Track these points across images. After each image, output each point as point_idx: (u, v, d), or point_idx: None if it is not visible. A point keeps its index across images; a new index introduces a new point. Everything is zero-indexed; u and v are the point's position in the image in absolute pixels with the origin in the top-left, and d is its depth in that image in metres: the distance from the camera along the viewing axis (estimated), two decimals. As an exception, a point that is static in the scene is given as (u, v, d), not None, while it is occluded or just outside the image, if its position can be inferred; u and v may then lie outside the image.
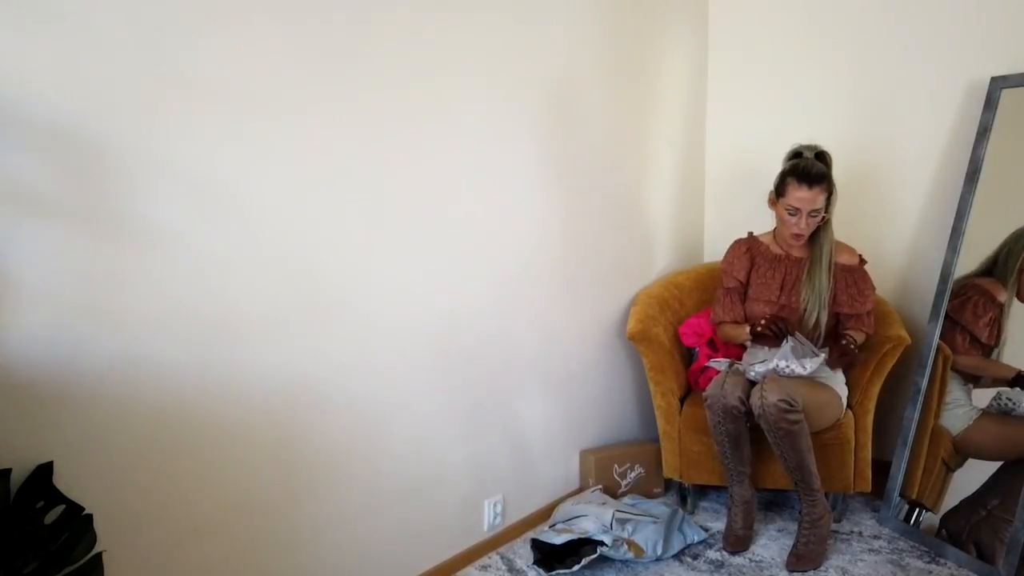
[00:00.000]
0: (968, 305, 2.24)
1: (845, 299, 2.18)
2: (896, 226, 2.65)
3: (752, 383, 2.13)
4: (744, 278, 2.31)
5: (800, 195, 2.09)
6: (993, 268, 2.24)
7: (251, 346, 1.56)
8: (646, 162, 2.74)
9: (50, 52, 1.22)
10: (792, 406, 1.99)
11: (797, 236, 2.16)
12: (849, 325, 2.21)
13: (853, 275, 2.20)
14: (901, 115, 2.59)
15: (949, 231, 2.38)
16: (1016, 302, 2.16)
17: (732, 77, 3.00)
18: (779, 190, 2.16)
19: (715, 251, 3.04)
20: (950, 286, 2.31)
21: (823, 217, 2.15)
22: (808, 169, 2.10)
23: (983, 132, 2.33)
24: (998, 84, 2.33)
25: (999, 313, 2.18)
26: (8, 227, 1.20)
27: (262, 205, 1.55)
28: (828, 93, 2.75)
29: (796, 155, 2.18)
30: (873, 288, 2.23)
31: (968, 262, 2.31)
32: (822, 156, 2.17)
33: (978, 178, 2.31)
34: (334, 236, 1.70)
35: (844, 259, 2.21)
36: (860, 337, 2.22)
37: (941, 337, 2.30)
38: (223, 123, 1.47)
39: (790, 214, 2.13)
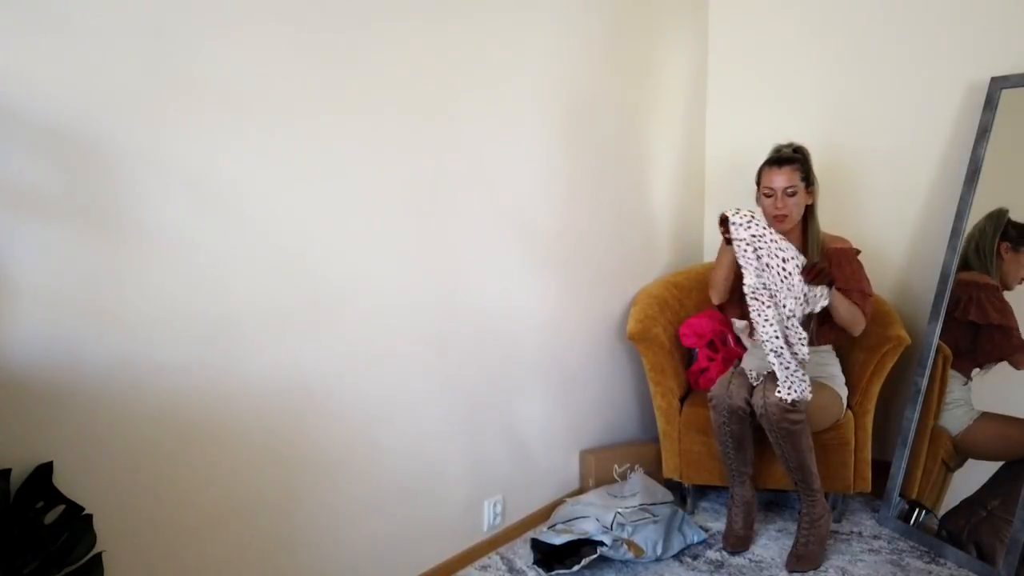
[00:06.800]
0: (995, 305, 2.22)
1: (838, 274, 2.15)
2: (896, 226, 2.65)
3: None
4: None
5: (771, 175, 2.16)
6: (967, 264, 2.28)
7: (251, 346, 1.56)
8: (647, 162, 2.74)
9: (53, 53, 1.22)
10: (794, 406, 1.99)
11: (779, 218, 2.16)
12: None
13: (847, 255, 2.19)
14: (901, 115, 2.59)
15: (949, 231, 2.38)
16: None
17: (732, 77, 3.01)
18: (757, 182, 2.23)
19: (715, 251, 3.02)
20: (950, 286, 2.31)
21: (807, 200, 2.17)
22: (777, 154, 2.20)
23: (983, 132, 2.33)
24: (998, 84, 2.33)
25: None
26: (9, 227, 1.20)
27: (263, 205, 1.55)
28: (828, 93, 2.75)
29: (775, 151, 2.24)
30: (868, 280, 2.18)
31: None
32: (799, 150, 2.22)
33: (978, 178, 2.31)
34: (335, 237, 1.70)
35: (836, 245, 2.22)
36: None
37: (941, 337, 2.30)
38: (224, 123, 1.47)
39: (767, 196, 2.18)
